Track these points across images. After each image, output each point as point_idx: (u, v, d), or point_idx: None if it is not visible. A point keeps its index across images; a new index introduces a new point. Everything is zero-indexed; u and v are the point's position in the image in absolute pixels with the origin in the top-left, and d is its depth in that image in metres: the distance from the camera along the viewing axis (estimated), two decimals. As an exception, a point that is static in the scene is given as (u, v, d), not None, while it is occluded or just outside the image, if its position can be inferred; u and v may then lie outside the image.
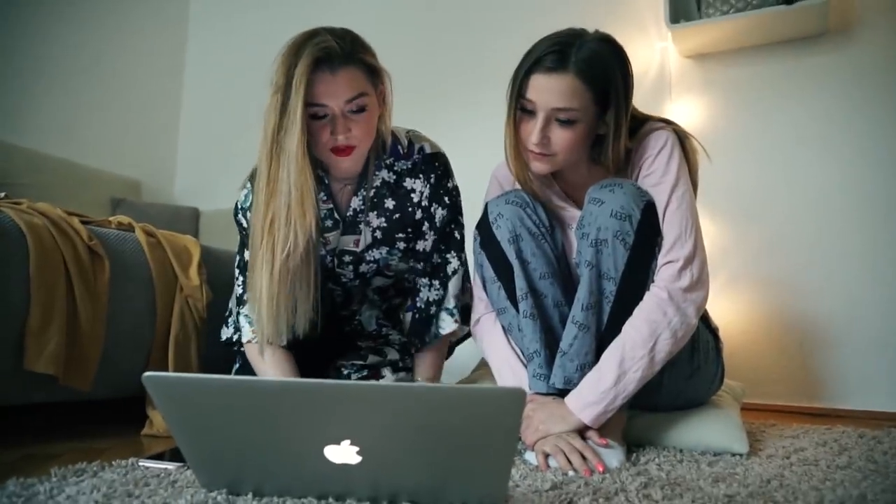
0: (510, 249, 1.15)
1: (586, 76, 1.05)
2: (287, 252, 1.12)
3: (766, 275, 1.95)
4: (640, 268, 1.05)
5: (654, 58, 2.18)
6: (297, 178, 1.10)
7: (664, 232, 1.07)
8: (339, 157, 1.18)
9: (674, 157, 1.10)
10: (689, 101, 2.11)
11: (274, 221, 1.12)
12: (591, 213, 1.07)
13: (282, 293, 1.15)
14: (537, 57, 1.07)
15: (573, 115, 1.07)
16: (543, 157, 1.11)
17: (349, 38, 1.15)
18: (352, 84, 1.12)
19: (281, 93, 1.10)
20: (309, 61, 1.09)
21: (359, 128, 1.15)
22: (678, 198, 1.07)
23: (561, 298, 1.16)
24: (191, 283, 1.46)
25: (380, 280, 1.44)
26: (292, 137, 1.09)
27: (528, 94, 1.08)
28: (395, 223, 1.35)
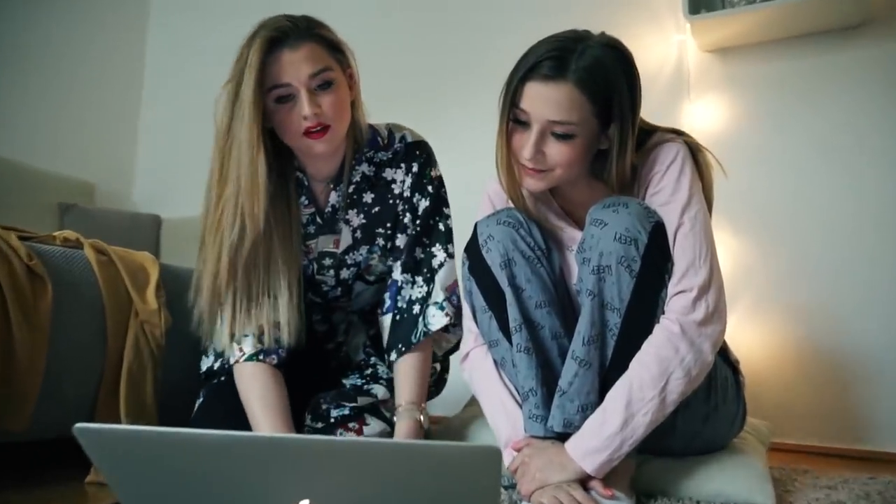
0: (502, 275, 1.15)
1: (587, 86, 1.04)
2: (232, 242, 1.19)
3: (796, 297, 1.94)
4: (648, 298, 1.05)
5: (670, 53, 2.18)
6: (246, 166, 1.16)
7: (675, 257, 1.06)
8: (314, 140, 1.21)
9: (685, 173, 1.10)
10: (709, 101, 2.11)
11: (223, 214, 1.20)
12: (593, 236, 1.06)
13: (225, 282, 1.22)
14: (533, 62, 1.06)
15: (571, 129, 1.07)
16: (537, 173, 1.11)
17: (304, 18, 1.22)
18: (313, 58, 1.19)
19: (234, 81, 1.18)
20: (262, 42, 1.16)
21: (329, 103, 1.21)
22: (690, 218, 1.07)
23: (560, 330, 1.15)
24: (147, 308, 1.45)
25: (360, 286, 1.47)
26: (242, 124, 1.16)
27: (522, 104, 1.08)
28: (375, 218, 1.39)
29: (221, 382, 1.36)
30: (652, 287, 1.05)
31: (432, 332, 1.34)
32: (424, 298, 1.36)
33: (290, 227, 1.32)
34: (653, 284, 1.05)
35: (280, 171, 1.31)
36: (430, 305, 1.35)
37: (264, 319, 1.29)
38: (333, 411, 1.35)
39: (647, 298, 1.05)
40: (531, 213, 1.21)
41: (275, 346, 1.29)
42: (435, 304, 1.35)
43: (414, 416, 1.29)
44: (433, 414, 1.66)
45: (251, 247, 1.22)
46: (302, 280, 1.36)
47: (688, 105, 2.12)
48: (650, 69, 2.17)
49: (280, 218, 1.29)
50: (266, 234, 1.23)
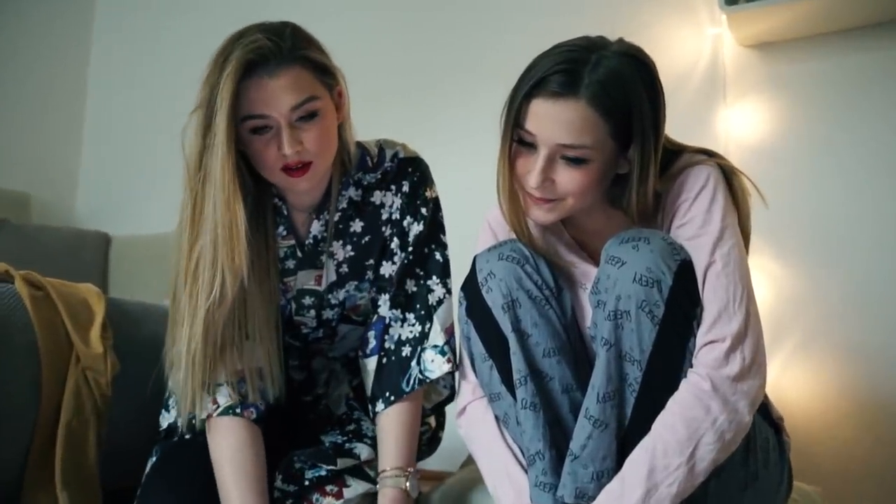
0: (504, 319, 1.15)
1: (602, 103, 1.05)
2: (212, 301, 1.18)
3: (853, 336, 1.94)
4: (674, 348, 1.05)
5: (703, 49, 2.19)
6: (223, 212, 1.16)
7: (705, 301, 1.06)
8: (294, 179, 1.23)
9: (717, 202, 1.10)
10: (749, 105, 2.11)
11: (199, 264, 1.19)
12: (609, 277, 1.06)
13: (204, 351, 1.22)
14: (540, 77, 1.07)
15: (584, 154, 1.08)
16: (545, 202, 1.12)
17: (288, 33, 1.20)
18: (296, 87, 1.18)
19: (204, 108, 1.16)
20: (236, 67, 1.14)
21: (312, 139, 1.21)
22: (723, 255, 1.07)
23: (571, 382, 1.15)
24: (91, 352, 1.44)
25: (345, 328, 1.49)
26: (216, 160, 1.15)
27: (528, 125, 1.09)
28: (364, 250, 1.40)
29: (183, 440, 1.35)
30: (678, 336, 1.04)
31: (430, 381, 1.34)
32: (418, 339, 1.36)
33: (268, 264, 1.33)
34: (679, 333, 1.04)
35: (256, 198, 1.31)
36: (428, 349, 1.35)
37: (244, 365, 1.30)
38: (308, 472, 1.35)
39: (672, 349, 1.04)
40: (538, 247, 1.21)
41: (253, 397, 1.30)
42: (434, 347, 1.35)
43: (399, 485, 1.28)
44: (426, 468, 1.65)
45: (231, 304, 1.23)
46: (281, 322, 1.37)
47: (723, 110, 2.13)
48: (679, 68, 2.19)
49: (257, 254, 1.30)
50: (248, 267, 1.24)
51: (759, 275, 1.98)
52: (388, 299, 1.39)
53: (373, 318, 1.42)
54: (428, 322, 1.36)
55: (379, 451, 1.34)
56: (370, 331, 1.41)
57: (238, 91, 1.15)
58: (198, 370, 1.24)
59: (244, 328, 1.29)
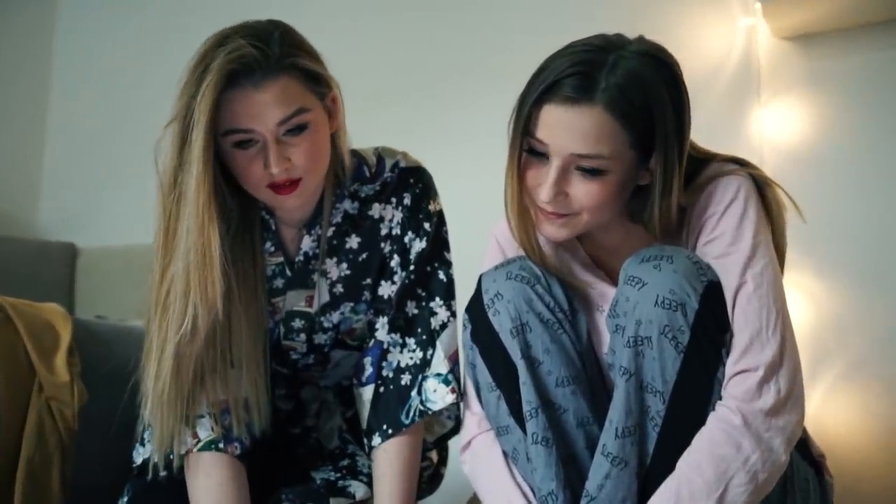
0: (513, 345, 1.16)
1: (621, 109, 1.06)
2: (182, 335, 1.19)
3: (905, 363, 1.95)
4: (700, 379, 1.06)
5: (736, 41, 2.18)
6: (196, 236, 1.16)
7: (735, 326, 1.07)
8: (281, 196, 1.24)
9: (748, 216, 1.11)
10: (786, 104, 2.11)
11: (170, 293, 1.20)
12: (629, 299, 1.07)
13: (175, 388, 1.24)
14: (553, 80, 1.08)
15: (601, 164, 1.09)
16: (558, 217, 1.13)
17: (276, 37, 1.20)
18: (284, 99, 1.18)
19: (180, 121, 1.17)
20: (217, 78, 1.14)
21: (302, 153, 1.22)
22: (755, 275, 1.08)
23: (587, 414, 1.16)
24: (56, 380, 1.44)
25: (339, 353, 1.50)
26: (191, 178, 1.16)
27: (539, 133, 1.10)
28: (361, 268, 1.41)
29: (158, 479, 1.34)
30: (704, 365, 1.05)
31: (432, 413, 1.35)
32: (419, 367, 1.37)
33: (255, 285, 1.35)
34: (706, 362, 1.05)
35: (242, 212, 1.33)
36: (430, 377, 1.36)
37: (227, 395, 1.31)
38: None
39: (698, 380, 1.05)
40: (550, 265, 1.22)
41: (237, 431, 1.31)
42: (437, 375, 1.36)
43: None
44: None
45: (205, 339, 1.24)
46: (268, 348, 1.38)
47: (758, 110, 2.13)
48: (708, 64, 2.18)
49: (243, 275, 1.31)
50: (224, 297, 1.24)
51: (798, 294, 1.97)
52: (386, 322, 1.40)
53: (369, 342, 1.42)
54: (430, 348, 1.37)
55: (375, 490, 1.34)
56: (366, 357, 1.41)
57: (219, 103, 1.16)
58: (168, 409, 1.25)
59: (228, 354, 1.31)
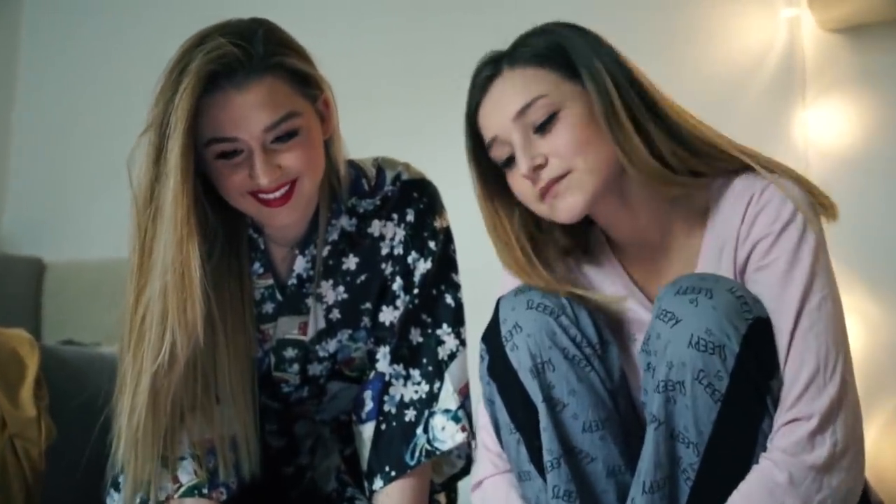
0: (533, 384, 1.13)
1: (531, 58, 1.14)
2: (160, 364, 1.17)
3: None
4: (740, 432, 1.03)
5: (777, 35, 2.19)
6: (174, 255, 1.15)
7: (787, 369, 1.04)
8: (272, 209, 1.23)
9: (807, 241, 1.07)
10: (834, 104, 2.11)
11: (146, 318, 1.18)
12: (660, 336, 1.05)
13: (151, 425, 1.21)
14: (472, 83, 1.19)
15: (546, 106, 1.12)
16: (554, 185, 1.12)
17: (260, 35, 1.19)
18: (270, 102, 1.17)
19: (156, 129, 1.15)
20: (195, 80, 1.13)
21: (293, 157, 1.20)
22: (813, 310, 1.05)
23: (618, 462, 1.13)
24: (21, 415, 1.43)
25: (336, 385, 1.49)
26: (168, 191, 1.14)
27: (486, 131, 1.17)
28: (359, 291, 1.40)
29: None
30: (746, 416, 1.03)
31: (441, 453, 1.34)
32: (425, 402, 1.36)
33: (242, 310, 1.33)
34: (747, 413, 1.03)
35: (227, 232, 1.32)
36: (438, 413, 1.35)
37: (213, 433, 1.30)
38: None
39: (737, 433, 1.03)
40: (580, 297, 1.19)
41: (224, 474, 1.30)
42: (445, 412, 1.35)
43: None
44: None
45: (185, 369, 1.23)
46: (256, 380, 1.37)
47: (802, 111, 2.13)
48: (747, 60, 2.19)
49: (229, 300, 1.30)
50: (207, 323, 1.23)
51: (850, 317, 1.83)
52: (388, 352, 1.39)
53: (369, 374, 1.41)
54: (437, 380, 1.36)
55: None
56: (366, 390, 1.40)
57: (199, 108, 1.14)
58: (143, 449, 1.23)
59: (213, 388, 1.30)
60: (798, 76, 2.16)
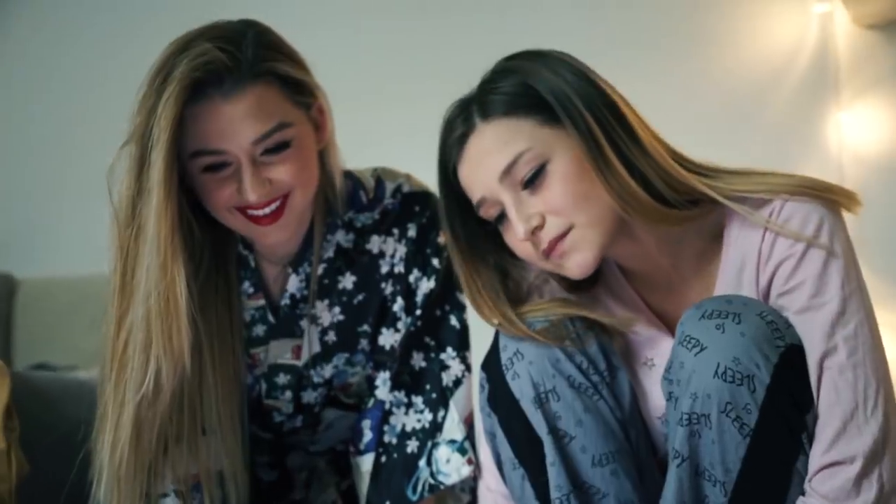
0: (537, 415, 1.12)
1: (504, 105, 1.10)
2: (144, 395, 1.15)
3: None
4: (772, 470, 1.01)
5: (809, 32, 2.18)
6: (158, 278, 1.12)
7: (822, 404, 1.01)
8: (262, 227, 1.21)
9: (835, 258, 1.04)
10: (871, 105, 2.10)
11: (129, 345, 1.16)
12: (683, 365, 1.02)
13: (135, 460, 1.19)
14: (443, 144, 1.16)
15: (532, 160, 1.08)
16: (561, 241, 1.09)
17: (249, 39, 1.17)
18: (261, 112, 1.16)
19: (138, 141, 1.13)
20: (180, 88, 1.10)
21: (285, 171, 1.19)
22: (847, 337, 1.02)
23: (632, 497, 1.12)
24: None
25: (332, 413, 1.47)
26: (151, 209, 1.12)
27: (470, 191, 1.14)
28: (357, 312, 1.39)
29: None
30: (778, 454, 1.00)
31: (445, 487, 1.32)
32: (428, 432, 1.34)
33: (231, 334, 1.32)
34: (779, 450, 1.00)
35: (215, 250, 1.30)
36: (442, 444, 1.33)
37: (199, 468, 1.28)
38: None
39: (769, 471, 1.01)
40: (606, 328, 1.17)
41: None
42: (450, 443, 1.33)
43: None
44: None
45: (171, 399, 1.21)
46: (246, 409, 1.35)
47: (836, 112, 2.12)
48: (777, 59, 2.18)
49: (215, 323, 1.29)
50: (194, 351, 1.22)
51: (887, 335, 1.90)
52: (388, 378, 1.37)
53: (368, 402, 1.39)
54: (441, 409, 1.35)
55: None
56: (365, 419, 1.38)
57: (183, 118, 1.12)
58: (126, 485, 1.20)
59: (199, 420, 1.27)
60: (832, 76, 2.15)
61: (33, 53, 3.06)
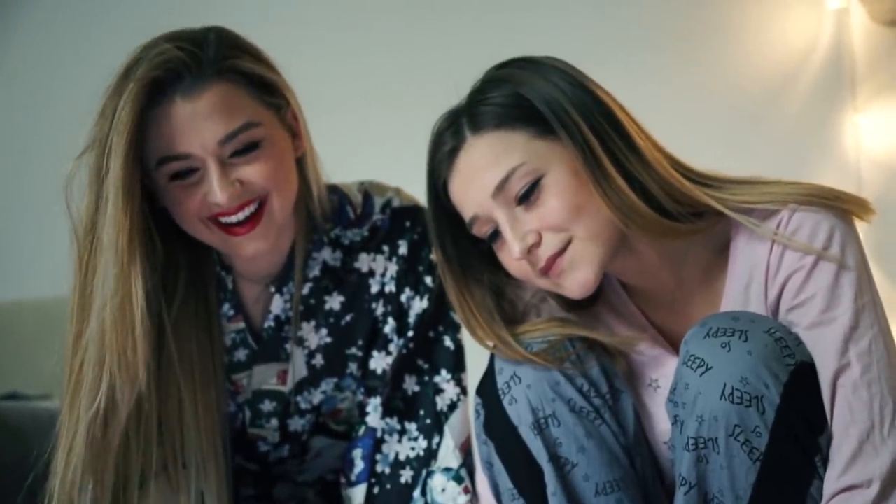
0: (536, 442, 1.12)
1: (496, 118, 1.11)
2: (94, 413, 1.15)
3: None
4: (785, 495, 1.01)
5: (823, 29, 2.18)
6: (114, 289, 1.12)
7: (835, 425, 1.02)
8: (237, 238, 1.20)
9: (847, 270, 1.05)
10: (889, 106, 2.10)
11: (84, 361, 1.16)
12: (688, 386, 1.03)
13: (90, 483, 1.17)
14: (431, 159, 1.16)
15: (525, 174, 1.09)
16: (560, 257, 1.09)
17: (211, 38, 1.18)
18: (224, 110, 1.16)
19: (97, 149, 1.14)
20: (138, 89, 1.11)
21: (255, 172, 1.18)
22: (861, 353, 1.02)
23: None
24: None
25: (321, 441, 1.47)
26: (110, 218, 1.12)
27: (462, 208, 1.14)
28: (344, 334, 1.39)
29: None
30: (790, 479, 1.01)
31: None
32: (423, 460, 1.35)
33: (211, 361, 1.32)
34: (791, 474, 1.01)
35: (192, 273, 1.31)
36: (437, 473, 1.34)
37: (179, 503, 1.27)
38: None
39: (781, 498, 1.01)
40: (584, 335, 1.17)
41: None
42: (446, 471, 1.34)
43: None
44: None
45: (128, 419, 1.20)
46: (227, 438, 1.35)
47: (853, 114, 2.12)
48: (790, 59, 2.19)
49: (194, 349, 1.29)
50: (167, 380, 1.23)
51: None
52: (380, 404, 1.37)
53: (359, 429, 1.40)
54: (436, 435, 1.36)
55: None
56: (356, 448, 1.39)
57: (144, 123, 1.13)
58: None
59: (179, 452, 1.27)
60: (847, 75, 2.16)
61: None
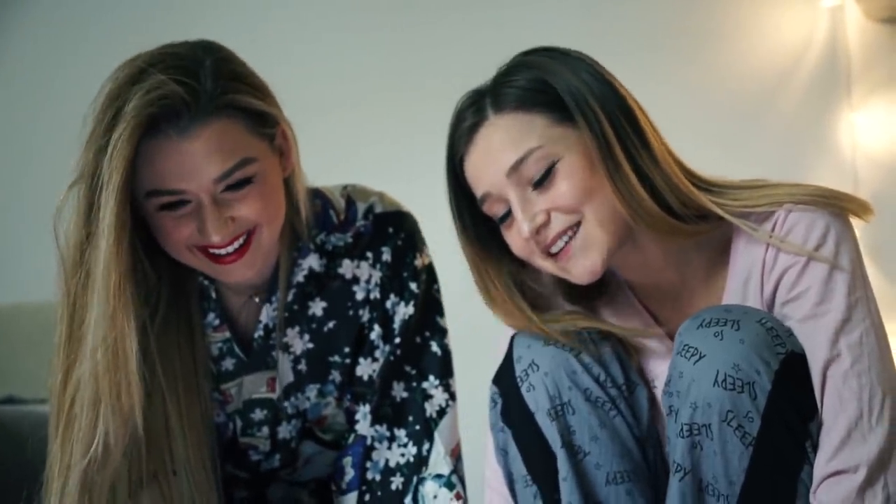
0: (552, 429, 1.15)
1: (518, 99, 1.15)
2: (91, 458, 1.16)
3: None
4: (776, 480, 1.03)
5: (818, 27, 2.19)
6: (106, 329, 1.13)
7: (825, 413, 1.04)
8: (225, 266, 1.23)
9: (841, 265, 1.08)
10: (885, 104, 2.12)
11: (76, 402, 1.17)
12: (682, 375, 1.06)
13: None
14: (452, 134, 1.20)
15: (541, 158, 1.13)
16: (564, 234, 1.14)
17: (208, 67, 1.17)
18: (222, 149, 1.16)
19: (87, 181, 1.13)
20: (133, 126, 1.10)
21: (248, 208, 1.20)
22: (851, 345, 1.05)
23: None
24: None
25: (310, 447, 1.49)
26: (100, 255, 1.12)
27: (475, 184, 1.18)
28: (327, 340, 1.41)
29: None
30: (781, 463, 1.03)
31: None
32: (413, 466, 1.37)
33: (195, 373, 1.34)
34: (783, 459, 1.03)
35: (173, 283, 1.32)
36: (428, 480, 1.36)
37: None
38: None
39: (774, 483, 1.03)
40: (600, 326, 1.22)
41: None
42: (437, 477, 1.36)
43: None
44: None
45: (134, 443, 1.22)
46: (217, 449, 1.37)
47: (848, 112, 2.13)
48: (785, 56, 2.20)
49: (178, 363, 1.31)
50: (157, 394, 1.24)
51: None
52: (368, 412, 1.40)
53: (349, 437, 1.42)
54: (426, 441, 1.37)
55: None
56: (346, 456, 1.41)
57: (137, 156, 1.12)
58: None
59: (170, 463, 1.30)
60: (843, 73, 2.16)
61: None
